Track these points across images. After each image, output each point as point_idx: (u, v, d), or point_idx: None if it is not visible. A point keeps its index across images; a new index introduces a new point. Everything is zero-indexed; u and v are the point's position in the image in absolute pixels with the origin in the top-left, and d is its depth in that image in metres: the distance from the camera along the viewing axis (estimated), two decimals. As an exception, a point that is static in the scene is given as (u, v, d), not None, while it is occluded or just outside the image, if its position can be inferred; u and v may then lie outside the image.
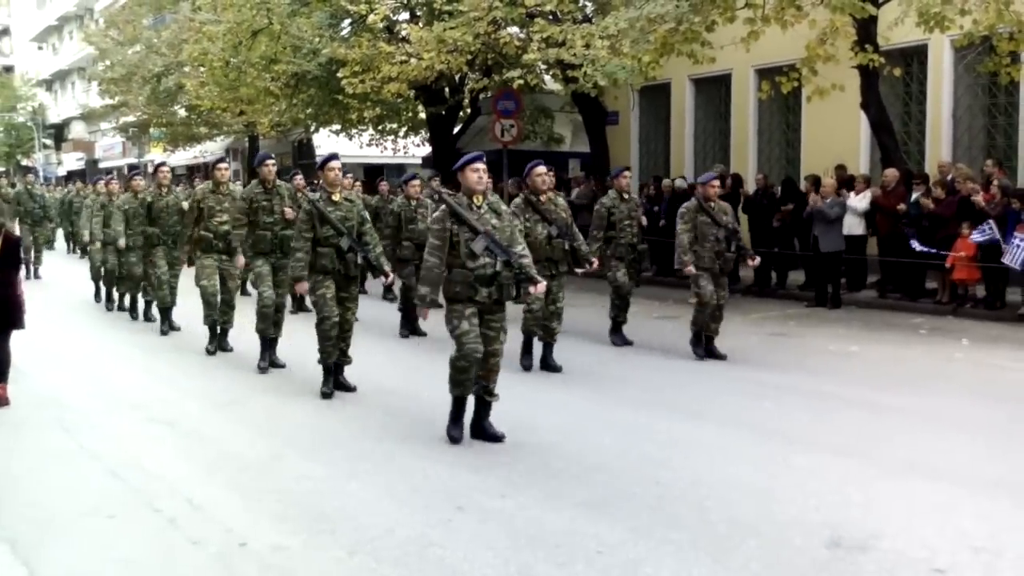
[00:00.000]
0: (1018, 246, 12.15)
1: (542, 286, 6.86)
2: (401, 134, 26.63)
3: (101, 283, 15.67)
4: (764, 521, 5.27)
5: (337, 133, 26.73)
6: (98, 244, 14.76)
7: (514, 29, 19.23)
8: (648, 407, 8.06)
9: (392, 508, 5.58)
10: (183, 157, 38.81)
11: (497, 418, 7.02)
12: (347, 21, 22.93)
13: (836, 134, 17.36)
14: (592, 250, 10.11)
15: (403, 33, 20.59)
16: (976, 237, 12.56)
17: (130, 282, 13.75)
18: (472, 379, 6.80)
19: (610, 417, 7.81)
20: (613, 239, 10.76)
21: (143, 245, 12.82)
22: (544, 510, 5.49)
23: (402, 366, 9.91)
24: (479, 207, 6.85)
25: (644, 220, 10.80)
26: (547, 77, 20.73)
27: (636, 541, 4.99)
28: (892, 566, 4.68)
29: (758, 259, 10.68)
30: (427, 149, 26.77)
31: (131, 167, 42.35)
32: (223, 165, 11.09)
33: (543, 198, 9.62)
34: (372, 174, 31.76)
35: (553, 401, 8.16)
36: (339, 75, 19.73)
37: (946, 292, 13.49)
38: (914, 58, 16.98)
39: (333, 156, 8.70)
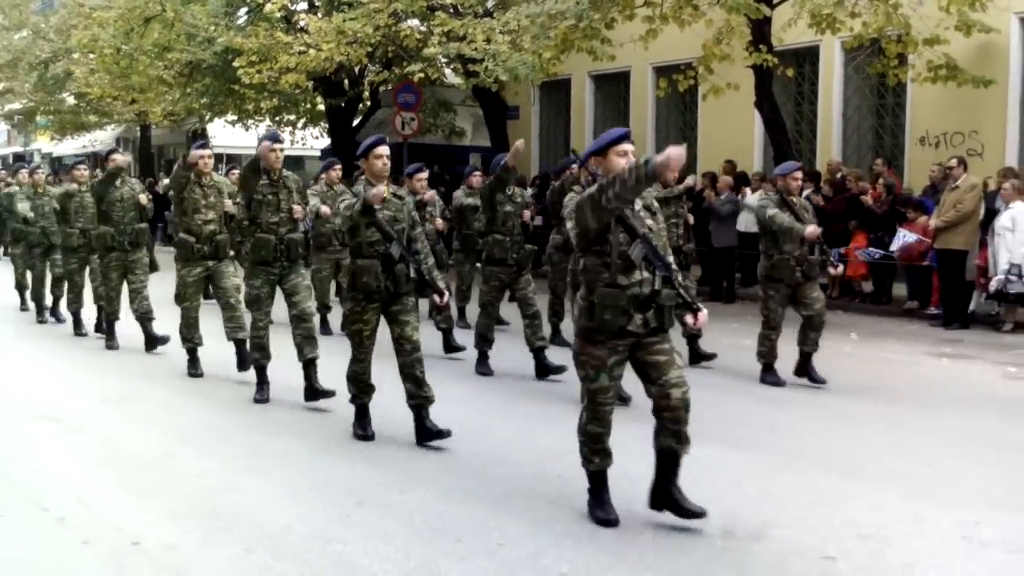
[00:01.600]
0: (902, 237, 12.63)
1: (703, 316, 5.18)
2: (299, 126, 26.31)
3: (27, 293, 13.49)
4: (661, 513, 5.34)
5: (233, 124, 26.31)
6: (21, 247, 13.19)
7: (415, 22, 19.16)
8: (548, 401, 8.11)
9: (290, 504, 5.50)
10: (71, 146, 37.68)
11: (395, 412, 6.96)
12: (243, 10, 22.60)
13: (731, 132, 17.69)
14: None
15: (301, 23, 20.32)
16: (895, 246, 12.87)
17: (72, 290, 11.71)
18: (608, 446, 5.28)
19: (511, 412, 7.84)
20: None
21: (86, 246, 11.08)
22: (445, 504, 5.48)
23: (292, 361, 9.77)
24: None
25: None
26: (448, 71, 20.68)
27: (536, 534, 5.01)
28: (784, 554, 4.79)
29: (841, 267, 10.19)
30: (326, 141, 26.49)
31: (16, 156, 41.01)
32: (206, 152, 8.97)
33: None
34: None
35: (455, 396, 8.14)
36: (235, 64, 19.40)
37: (836, 287, 13.88)
38: (806, 59, 17.42)
39: (380, 140, 6.84)
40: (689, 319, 5.12)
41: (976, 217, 12.13)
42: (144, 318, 10.23)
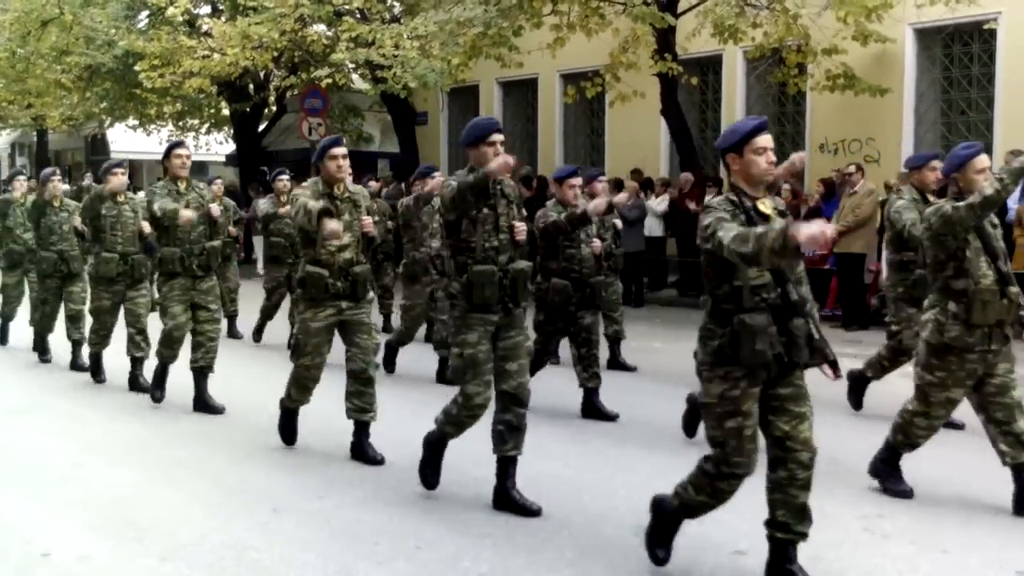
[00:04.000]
0: None
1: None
2: (203, 131, 25.90)
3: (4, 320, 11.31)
4: (576, 513, 5.43)
5: (134, 128, 25.79)
6: (9, 273, 10.99)
7: (321, 27, 19.05)
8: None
9: (205, 514, 5.44)
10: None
11: (311, 421, 6.94)
12: (144, 13, 22.17)
13: (638, 138, 17.96)
14: None
15: (205, 27, 20.04)
16: None
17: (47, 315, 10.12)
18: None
19: (426, 415, 7.84)
20: None
21: (127, 274, 8.83)
22: (362, 510, 5.48)
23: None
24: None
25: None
26: (355, 76, 20.60)
27: (454, 537, 5.05)
28: (697, 549, 4.91)
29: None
30: (231, 147, 26.15)
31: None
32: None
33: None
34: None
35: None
36: (136, 68, 19.07)
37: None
38: (710, 68, 17.78)
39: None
40: (829, 372, 4.37)
41: (873, 222, 12.53)
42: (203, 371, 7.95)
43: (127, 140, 28.37)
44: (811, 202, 13.86)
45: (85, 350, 9.40)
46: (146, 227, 8.46)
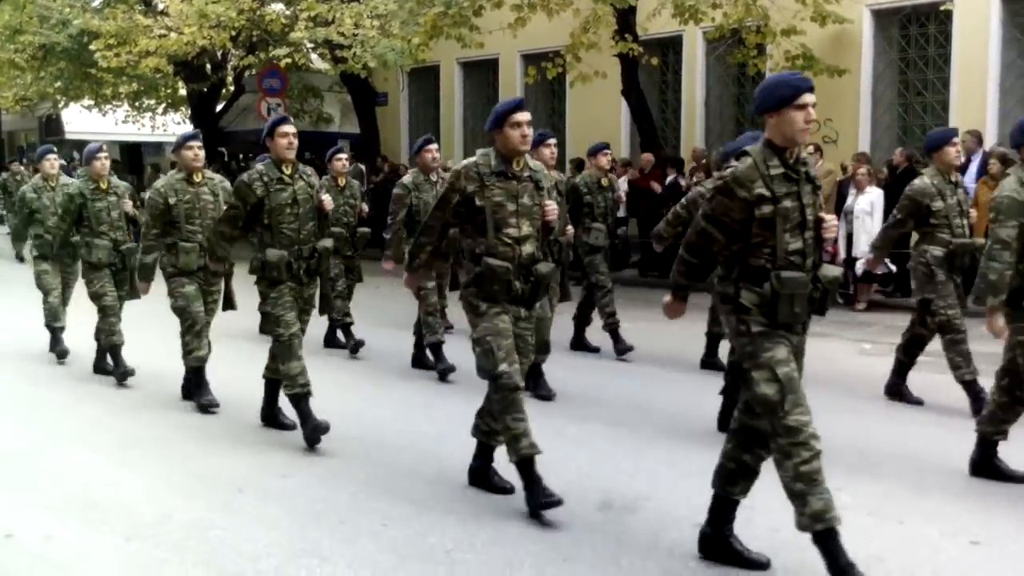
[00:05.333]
0: None
1: None
2: (160, 111, 25.64)
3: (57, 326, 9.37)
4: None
5: (89, 109, 25.47)
6: (44, 263, 9.29)
7: (279, 6, 18.91)
8: (424, 385, 8.17)
9: (168, 493, 5.43)
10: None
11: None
12: (100, -9, 21.89)
13: (599, 119, 18.00)
14: None
15: (161, 6, 19.82)
16: None
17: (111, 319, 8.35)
18: None
19: (389, 396, 7.88)
20: None
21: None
22: (327, 488, 5.49)
23: (170, 348, 9.60)
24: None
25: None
26: (315, 56, 20.46)
27: (420, 514, 5.08)
28: (659, 524, 4.97)
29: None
30: (188, 127, 25.90)
31: None
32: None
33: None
34: (131, 152, 30.45)
35: (335, 382, 8.12)
36: (92, 48, 18.82)
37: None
38: (670, 48, 17.84)
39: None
40: None
41: (831, 202, 12.65)
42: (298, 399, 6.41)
43: (82, 121, 28.00)
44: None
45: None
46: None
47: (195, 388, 7.39)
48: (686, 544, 4.70)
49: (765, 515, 5.06)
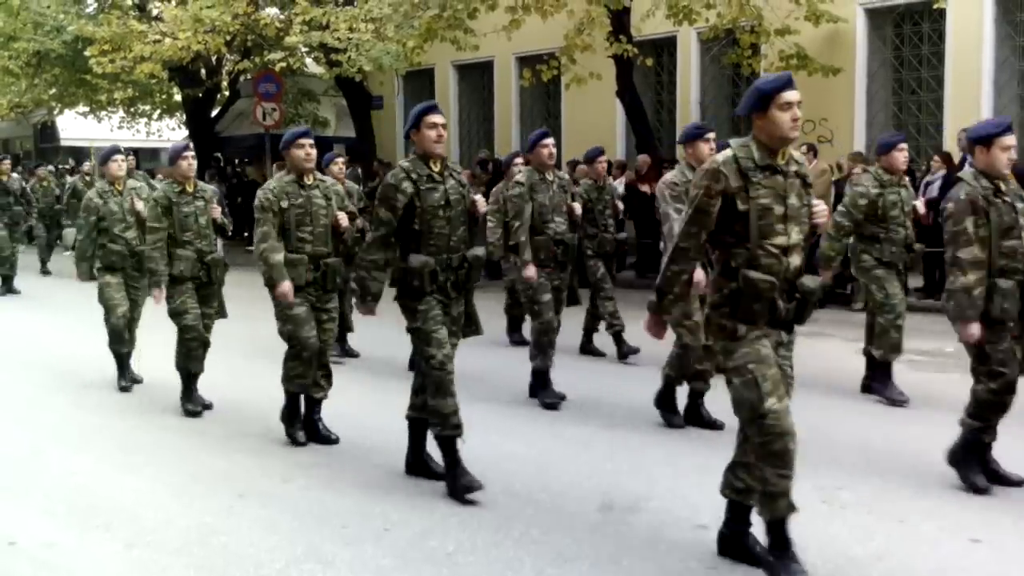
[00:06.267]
0: None
1: None
2: (155, 117, 25.63)
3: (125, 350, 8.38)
4: (540, 490, 5.48)
5: (84, 115, 25.47)
6: (110, 276, 8.24)
7: (274, 10, 18.92)
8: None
9: (169, 498, 5.44)
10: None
11: (273, 405, 6.93)
12: (93, -3, 21.91)
13: (594, 121, 18.02)
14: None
15: (156, 11, 19.83)
16: None
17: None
18: None
19: (388, 399, 7.86)
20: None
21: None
22: (328, 492, 5.50)
23: (164, 355, 9.60)
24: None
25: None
26: (309, 60, 20.47)
27: (421, 517, 5.09)
28: (660, 524, 4.99)
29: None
30: (183, 132, 25.90)
31: None
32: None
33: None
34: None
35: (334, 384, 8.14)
36: (86, 54, 18.82)
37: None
38: (665, 49, 17.86)
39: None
40: None
41: (827, 201, 12.67)
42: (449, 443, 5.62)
43: (77, 127, 27.99)
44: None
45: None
46: (343, 219, 6.55)
47: (288, 417, 6.53)
48: (686, 544, 4.72)
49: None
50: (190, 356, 7.37)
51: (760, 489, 4.26)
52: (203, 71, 21.99)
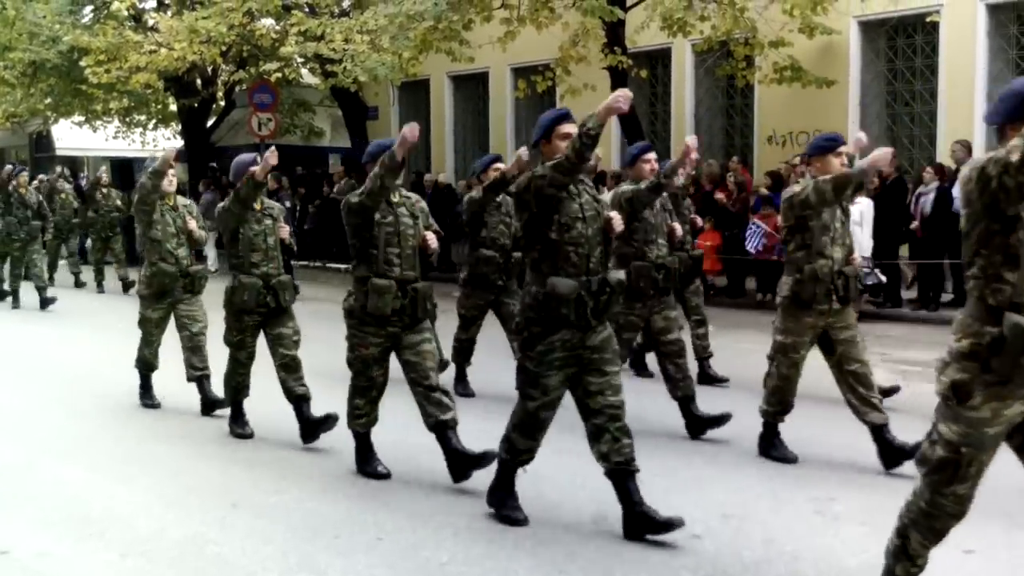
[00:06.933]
0: (754, 232, 13.10)
1: None
2: (150, 127, 25.63)
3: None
4: (535, 501, 5.46)
5: (80, 125, 25.45)
6: (152, 310, 7.80)
7: (270, 21, 18.95)
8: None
9: (163, 509, 5.44)
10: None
11: (265, 414, 6.94)
12: (89, 8, 21.91)
13: (588, 132, 18.02)
14: None
15: (151, 22, 19.86)
16: (750, 245, 13.24)
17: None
18: None
19: (381, 409, 7.86)
20: None
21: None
22: (321, 502, 5.50)
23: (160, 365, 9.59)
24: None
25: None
26: (305, 71, 20.51)
27: (414, 527, 5.09)
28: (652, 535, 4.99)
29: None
30: (179, 142, 25.90)
31: None
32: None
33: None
34: (122, 169, 30.45)
35: (322, 397, 8.13)
36: (82, 64, 18.83)
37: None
38: (659, 61, 17.91)
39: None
40: None
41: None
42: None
43: (72, 137, 27.97)
44: (761, 192, 14.03)
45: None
46: (431, 240, 5.89)
47: (361, 458, 6.07)
48: (679, 555, 4.72)
49: (758, 524, 5.09)
50: (239, 388, 6.91)
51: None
52: (199, 81, 22.02)
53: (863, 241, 11.93)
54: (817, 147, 6.32)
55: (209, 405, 7.55)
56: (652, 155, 7.47)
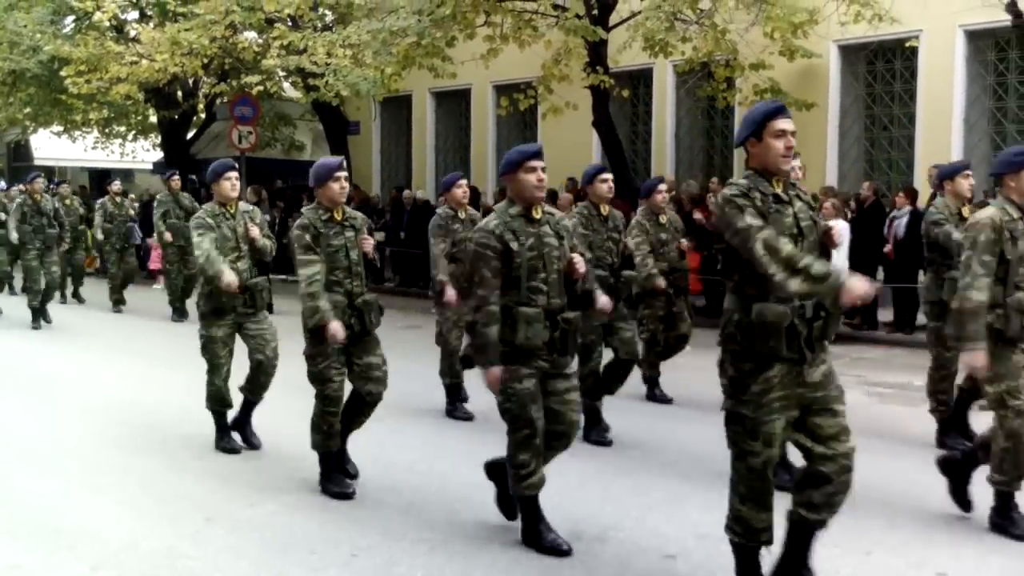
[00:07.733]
0: None
1: None
2: (130, 138, 25.56)
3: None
4: (509, 522, 5.47)
5: (59, 135, 25.35)
6: (216, 328, 6.92)
7: (252, 34, 18.93)
8: (393, 414, 8.14)
9: (136, 521, 5.39)
10: None
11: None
12: (70, 18, 21.84)
13: (570, 150, 18.08)
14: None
15: (133, 33, 19.81)
16: None
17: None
18: None
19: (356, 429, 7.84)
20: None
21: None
22: (295, 517, 5.47)
23: (138, 376, 9.54)
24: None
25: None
26: (287, 84, 20.49)
27: (389, 544, 5.06)
28: (628, 554, 4.99)
29: None
30: (158, 154, 25.82)
31: None
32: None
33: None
34: (100, 179, 30.34)
35: (300, 410, 8.09)
36: (62, 74, 18.75)
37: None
38: (641, 81, 18.01)
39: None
40: None
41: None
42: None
43: (51, 147, 27.87)
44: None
45: None
46: (579, 263, 5.12)
47: (529, 526, 5.12)
48: (654, 574, 4.71)
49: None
50: (330, 433, 5.99)
51: None
52: (180, 93, 21.98)
53: (839, 263, 12.00)
54: (1010, 163, 5.35)
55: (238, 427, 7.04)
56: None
